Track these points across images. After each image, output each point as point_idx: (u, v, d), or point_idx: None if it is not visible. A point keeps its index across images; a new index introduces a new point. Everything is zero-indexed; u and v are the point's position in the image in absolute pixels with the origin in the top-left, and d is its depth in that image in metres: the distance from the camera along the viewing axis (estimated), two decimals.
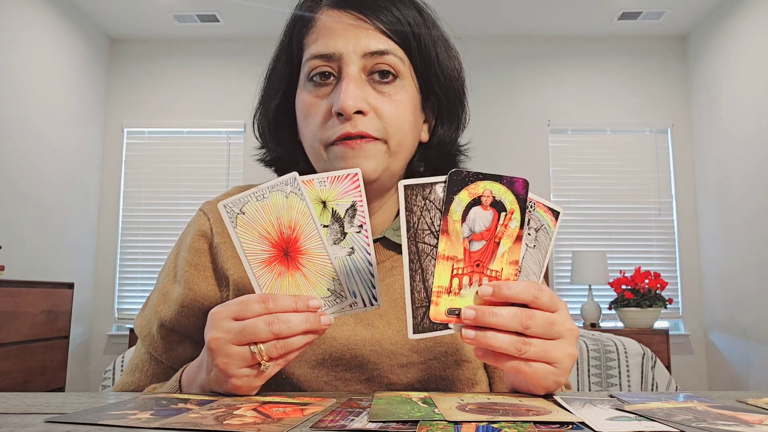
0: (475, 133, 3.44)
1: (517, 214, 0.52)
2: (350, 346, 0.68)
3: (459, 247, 0.51)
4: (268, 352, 0.52)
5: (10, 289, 2.58)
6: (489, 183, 0.51)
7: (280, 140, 0.76)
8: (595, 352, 2.23)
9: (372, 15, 0.66)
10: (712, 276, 3.91)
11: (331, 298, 0.55)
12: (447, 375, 0.71)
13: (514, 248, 0.53)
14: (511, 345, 0.51)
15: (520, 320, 0.50)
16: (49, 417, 0.44)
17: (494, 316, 0.50)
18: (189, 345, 0.74)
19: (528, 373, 0.52)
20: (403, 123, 0.67)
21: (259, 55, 4.88)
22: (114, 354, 4.02)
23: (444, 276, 0.51)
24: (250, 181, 4.61)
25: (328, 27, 0.67)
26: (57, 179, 3.67)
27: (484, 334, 0.50)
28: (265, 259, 0.54)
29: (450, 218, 0.51)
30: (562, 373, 0.53)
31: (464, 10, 3.93)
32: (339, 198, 0.55)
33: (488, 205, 0.52)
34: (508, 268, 0.53)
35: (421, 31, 0.68)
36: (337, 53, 0.65)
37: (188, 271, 0.73)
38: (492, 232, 0.52)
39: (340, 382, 0.69)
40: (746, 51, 3.53)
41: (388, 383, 0.69)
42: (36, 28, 3.48)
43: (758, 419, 0.44)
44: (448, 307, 0.51)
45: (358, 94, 0.64)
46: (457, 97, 0.74)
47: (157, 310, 0.74)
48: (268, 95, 0.75)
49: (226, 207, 0.53)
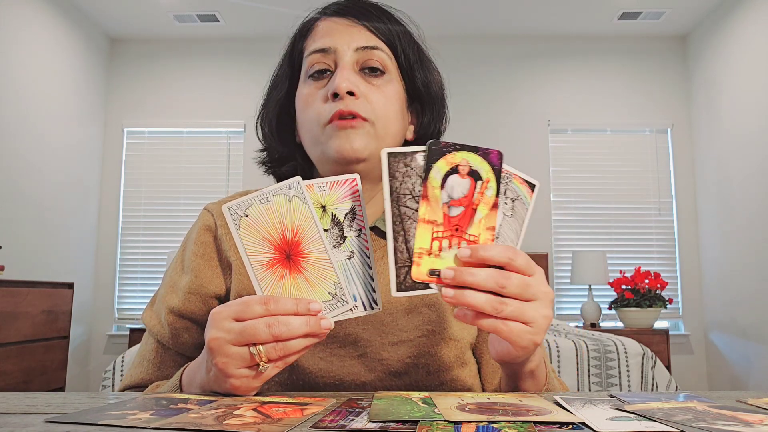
0: (475, 133, 3.42)
1: (492, 183, 0.55)
2: (344, 324, 0.71)
3: (438, 211, 0.54)
4: (267, 353, 0.53)
5: (10, 289, 2.58)
6: (466, 153, 0.55)
7: (282, 138, 0.82)
8: (595, 352, 2.23)
9: (365, 20, 0.76)
10: (712, 276, 3.91)
11: (332, 301, 0.56)
12: (436, 352, 0.74)
13: (490, 215, 0.56)
14: (487, 303, 0.53)
15: (496, 280, 0.53)
16: (49, 417, 0.44)
17: (472, 275, 0.53)
18: (195, 331, 0.76)
19: (504, 332, 0.54)
20: (389, 110, 0.75)
21: (259, 55, 4.88)
22: (114, 354, 4.02)
23: (425, 238, 0.54)
24: (250, 182, 4.59)
25: (326, 28, 0.77)
26: (57, 179, 3.67)
27: (462, 293, 0.53)
28: (267, 262, 0.55)
29: (430, 185, 0.54)
30: (537, 332, 0.55)
31: (464, 10, 3.93)
32: (338, 202, 0.56)
33: (465, 173, 0.55)
34: (485, 233, 0.56)
35: (406, 40, 0.78)
36: (333, 47, 0.74)
37: (195, 261, 0.77)
38: (469, 199, 0.55)
39: (335, 358, 0.71)
40: (746, 51, 3.53)
41: (380, 359, 0.72)
42: (36, 28, 3.48)
43: (758, 419, 0.44)
44: (429, 268, 0.54)
45: (351, 78, 0.72)
46: (440, 101, 0.82)
47: (166, 300, 0.77)
48: (271, 98, 0.82)
49: (230, 209, 0.54)
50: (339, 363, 0.71)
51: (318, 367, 0.71)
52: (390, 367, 0.72)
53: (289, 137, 0.82)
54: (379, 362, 0.72)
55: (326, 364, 0.71)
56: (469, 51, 4.23)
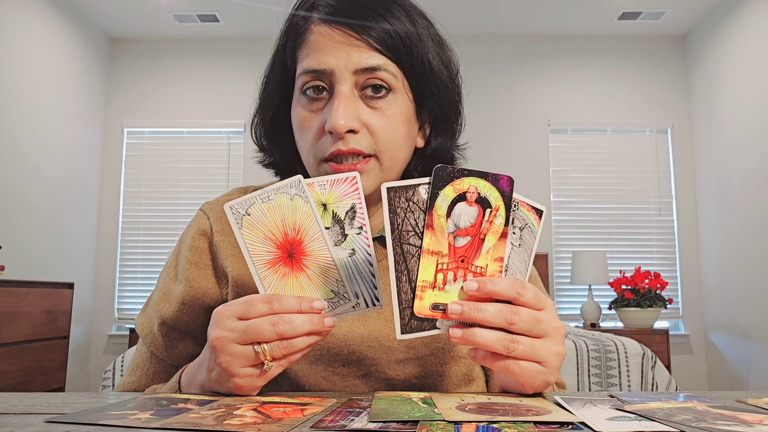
0: (475, 133, 3.44)
1: (502, 210, 0.52)
2: (348, 342, 0.69)
3: (444, 242, 0.51)
4: (271, 352, 0.53)
5: (10, 289, 2.58)
6: (474, 179, 0.51)
7: (277, 146, 0.77)
8: (595, 352, 2.23)
9: (362, 31, 0.65)
10: (712, 276, 3.91)
11: (335, 299, 0.56)
12: (444, 371, 0.71)
13: (498, 245, 0.53)
14: (498, 342, 0.51)
15: (504, 316, 0.51)
16: (49, 417, 0.44)
17: (480, 311, 0.51)
18: (190, 342, 0.74)
19: (517, 372, 0.52)
20: (395, 138, 0.67)
21: (259, 55, 4.86)
22: (114, 354, 4.02)
23: (428, 271, 0.51)
24: (251, 181, 4.59)
25: (319, 43, 0.66)
26: (57, 179, 3.67)
27: (471, 332, 0.51)
28: (269, 261, 0.55)
29: (435, 213, 0.51)
30: (550, 372, 0.53)
31: (464, 10, 3.93)
32: (339, 201, 0.55)
33: (473, 201, 0.52)
34: (492, 265, 0.53)
35: (414, 43, 0.67)
36: (329, 69, 0.65)
37: (189, 269, 0.74)
38: (477, 228, 0.52)
39: (338, 377, 0.70)
40: (746, 51, 3.53)
41: (385, 378, 0.70)
42: (36, 28, 3.48)
43: (758, 419, 0.44)
44: (432, 302, 0.51)
45: (349, 113, 0.64)
46: (452, 106, 0.73)
47: (159, 308, 0.75)
48: (264, 104, 0.75)
49: (231, 208, 0.54)
50: (342, 383, 0.70)
51: (320, 386, 0.69)
52: (395, 387, 0.70)
53: (285, 143, 0.75)
54: (384, 381, 0.70)
55: (329, 384, 0.69)
56: (469, 51, 4.22)
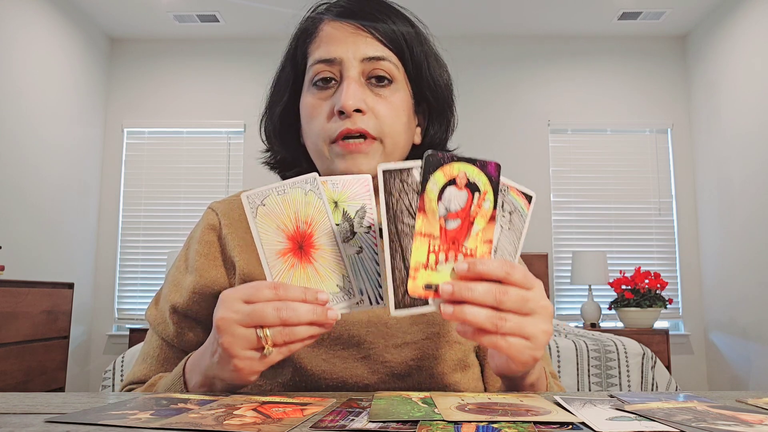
0: (476, 133, 3.42)
1: (490, 195, 0.55)
2: (347, 326, 0.72)
3: (435, 224, 0.53)
4: (273, 337, 0.54)
5: (10, 289, 2.58)
6: (463, 165, 0.54)
7: (285, 142, 0.81)
8: (595, 352, 2.23)
9: (370, 26, 0.73)
10: (712, 276, 3.91)
11: (340, 294, 0.57)
12: (440, 355, 0.74)
13: (488, 228, 0.55)
14: (487, 320, 0.53)
15: (494, 295, 0.53)
16: (49, 417, 0.44)
17: (470, 291, 0.53)
18: (200, 330, 0.76)
19: (504, 348, 0.54)
20: (397, 123, 0.73)
21: (259, 55, 4.87)
22: (114, 354, 4.02)
23: (421, 252, 0.53)
24: (250, 182, 4.59)
25: (331, 35, 0.74)
26: (57, 179, 3.67)
27: (461, 309, 0.53)
28: (279, 250, 0.56)
29: (426, 197, 0.53)
30: (537, 347, 0.55)
31: (464, 10, 3.93)
32: (350, 200, 0.58)
33: (463, 185, 0.54)
34: (482, 246, 0.55)
35: (414, 43, 0.75)
36: (339, 58, 0.72)
37: (199, 260, 0.77)
38: (467, 212, 0.54)
39: (338, 360, 0.71)
40: (746, 51, 3.53)
41: (383, 361, 0.72)
42: (36, 28, 3.48)
43: (758, 419, 0.44)
44: (425, 282, 0.53)
45: (358, 95, 0.70)
46: (446, 103, 0.80)
47: (169, 298, 0.77)
48: (274, 101, 0.81)
49: (248, 198, 0.56)
50: (342, 365, 0.71)
51: (321, 368, 0.71)
52: (393, 370, 0.72)
53: (292, 140, 0.81)
54: (383, 364, 0.72)
55: (329, 366, 0.71)
56: (469, 51, 4.23)
